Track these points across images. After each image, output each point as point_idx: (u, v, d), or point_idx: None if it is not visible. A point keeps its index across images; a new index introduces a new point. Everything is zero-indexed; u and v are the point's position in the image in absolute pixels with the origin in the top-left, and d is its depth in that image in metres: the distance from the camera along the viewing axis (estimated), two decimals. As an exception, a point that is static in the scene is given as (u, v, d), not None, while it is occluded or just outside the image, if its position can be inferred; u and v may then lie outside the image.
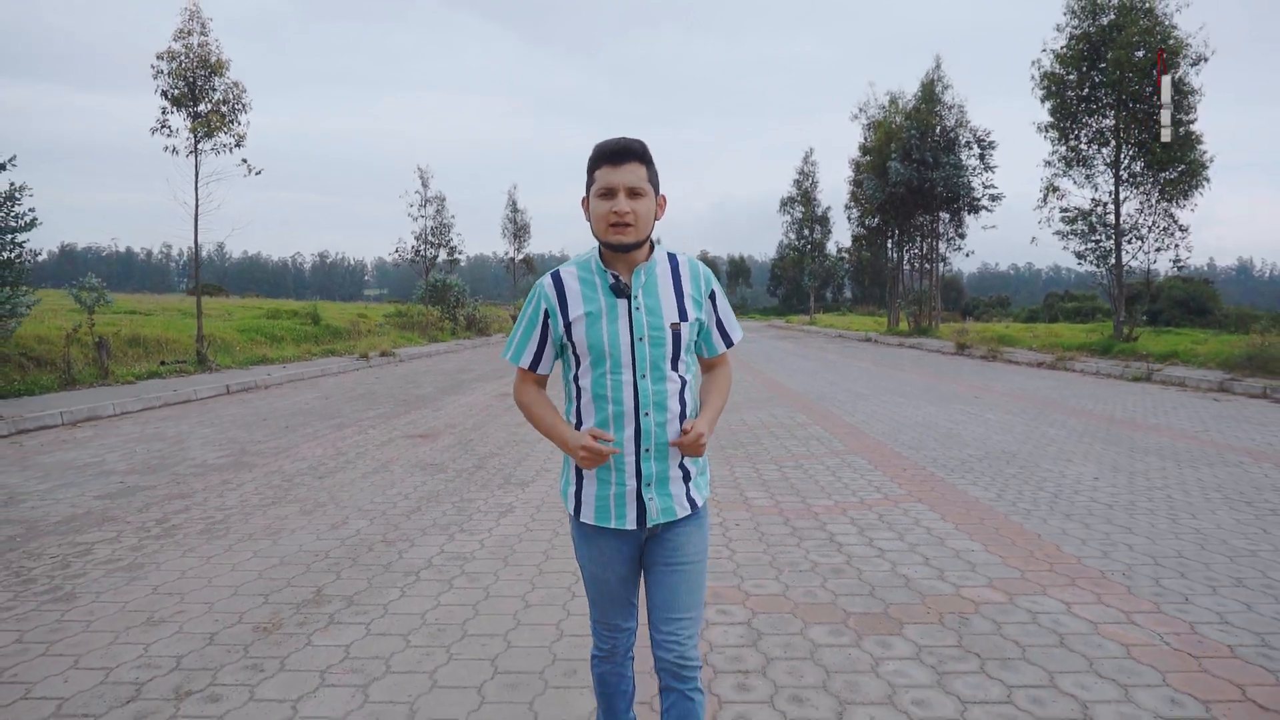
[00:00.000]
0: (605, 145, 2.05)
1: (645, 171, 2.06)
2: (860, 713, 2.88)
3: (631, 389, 2.07)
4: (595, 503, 2.14)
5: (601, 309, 2.08)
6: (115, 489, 6.50)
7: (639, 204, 2.03)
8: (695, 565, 2.19)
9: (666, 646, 2.13)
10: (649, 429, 2.08)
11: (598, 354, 2.08)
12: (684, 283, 2.15)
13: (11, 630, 3.68)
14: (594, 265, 2.12)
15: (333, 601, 4.02)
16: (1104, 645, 3.44)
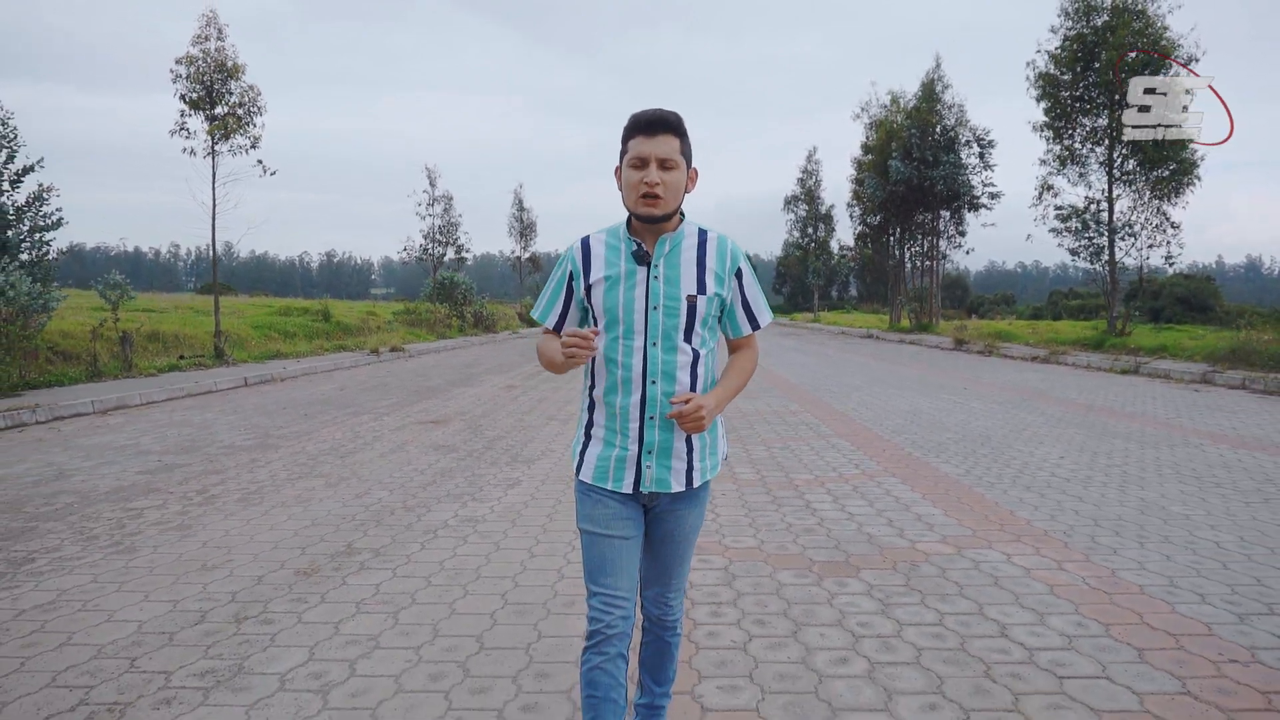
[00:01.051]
0: (641, 115, 2.06)
1: (679, 144, 2.07)
2: (812, 632, 3.42)
3: (641, 355, 2.10)
4: (596, 462, 2.18)
5: (621, 274, 2.11)
6: (154, 466, 7.07)
7: (670, 175, 2.05)
8: (685, 543, 2.27)
9: (652, 603, 2.31)
10: (654, 397, 2.10)
11: (612, 318, 2.11)
12: (709, 257, 2.15)
13: (86, 573, 4.24)
14: (621, 232, 2.17)
15: (362, 553, 4.57)
16: (1031, 585, 3.98)
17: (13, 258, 13.40)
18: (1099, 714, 2.73)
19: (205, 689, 2.95)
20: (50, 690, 2.95)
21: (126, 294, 15.39)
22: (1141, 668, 3.06)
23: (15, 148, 13.92)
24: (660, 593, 2.30)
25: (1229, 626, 3.45)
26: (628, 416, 2.13)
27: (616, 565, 2.16)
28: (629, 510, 2.19)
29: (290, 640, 3.38)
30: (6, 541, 4.81)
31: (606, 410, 2.17)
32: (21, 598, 3.89)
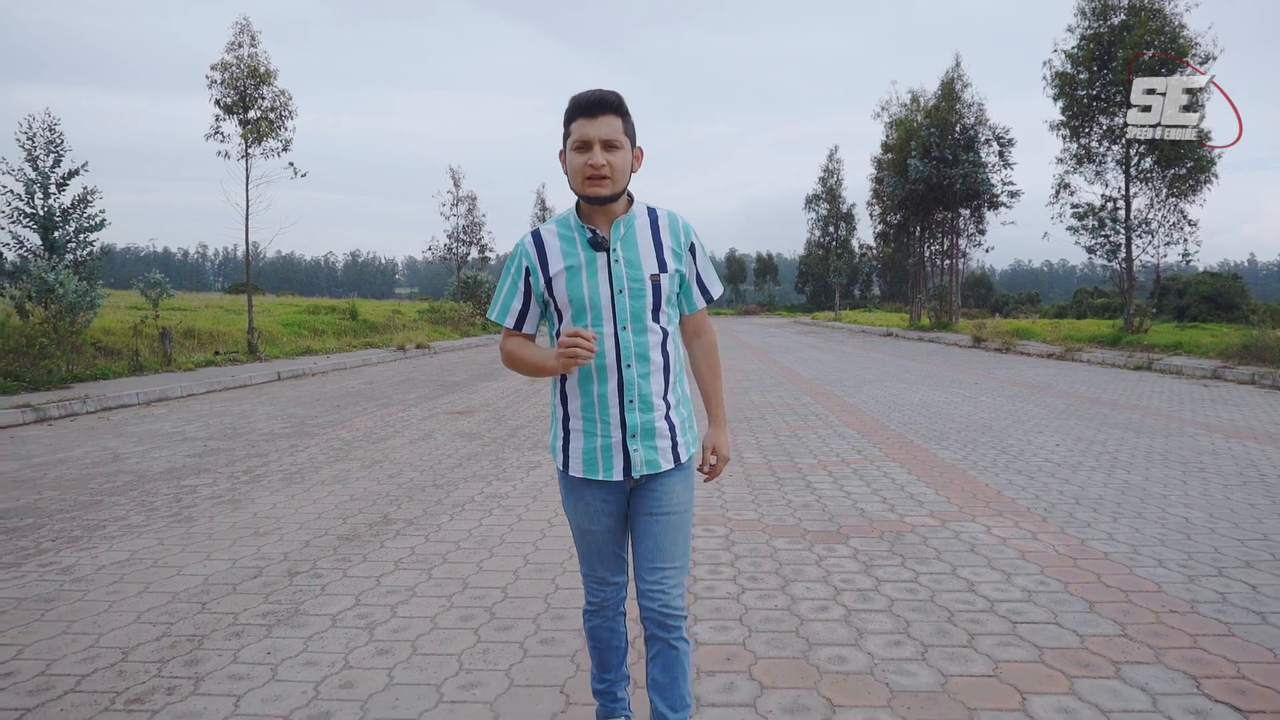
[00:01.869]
0: (580, 97, 2.04)
1: (621, 124, 2.05)
2: (799, 586, 3.84)
3: (613, 341, 2.10)
4: (583, 456, 2.17)
5: (581, 263, 2.10)
6: (201, 450, 7.60)
7: (615, 156, 2.03)
8: (679, 515, 2.22)
9: (651, 596, 2.19)
10: (631, 380, 2.11)
11: (579, 307, 2.11)
12: (663, 235, 2.15)
13: (153, 537, 4.73)
14: (572, 221, 2.15)
15: (397, 522, 5.04)
16: (1004, 551, 4.36)
17: (60, 257, 14.05)
18: (1041, 649, 3.12)
19: (268, 625, 3.42)
20: (137, 625, 3.42)
21: (166, 292, 16.06)
22: (1089, 616, 3.45)
23: (62, 152, 14.58)
24: (658, 579, 2.20)
25: (1177, 585, 3.82)
26: (606, 403, 2.12)
27: (605, 553, 2.27)
28: (612, 503, 2.22)
29: (338, 590, 3.84)
30: (78, 512, 5.33)
31: (583, 400, 2.16)
32: (100, 556, 4.38)
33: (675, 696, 2.21)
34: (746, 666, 2.99)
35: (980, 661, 3.02)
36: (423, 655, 3.12)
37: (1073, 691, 2.78)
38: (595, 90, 2.04)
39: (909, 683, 2.86)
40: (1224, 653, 3.07)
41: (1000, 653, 3.10)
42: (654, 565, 2.20)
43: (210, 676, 2.95)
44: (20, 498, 5.73)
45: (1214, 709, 2.65)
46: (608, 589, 2.31)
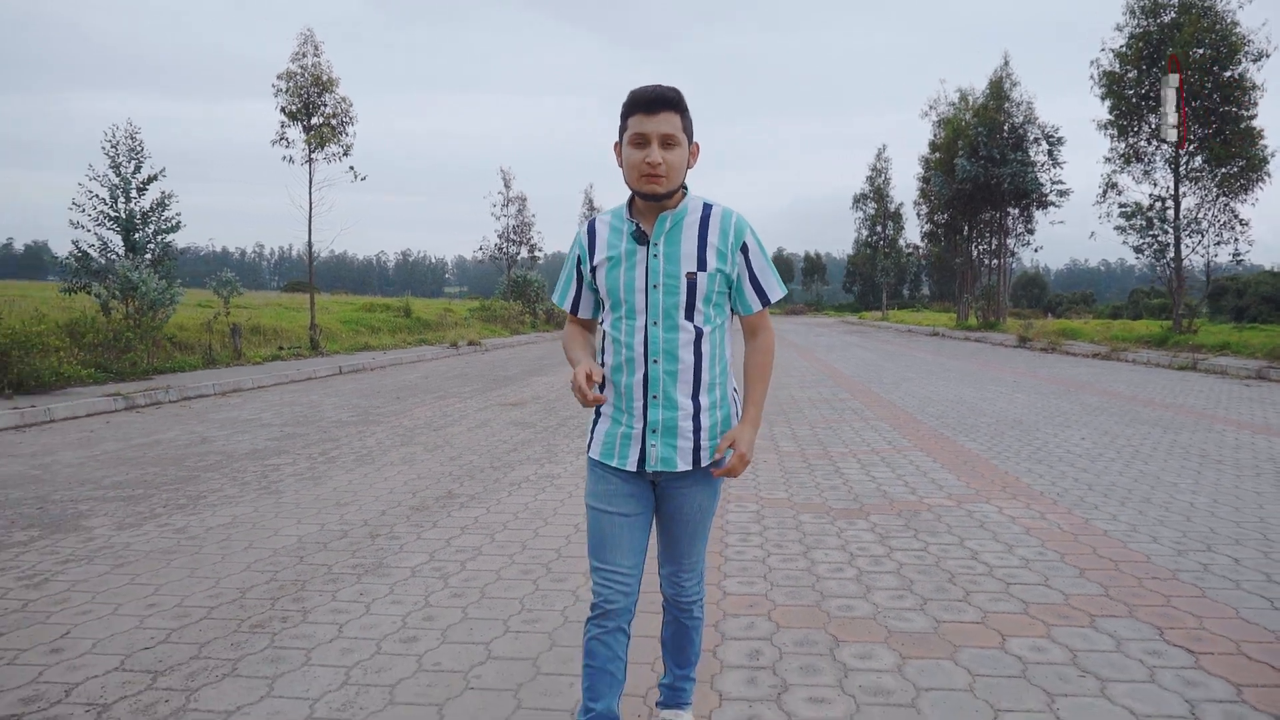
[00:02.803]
0: (640, 93, 2.05)
1: (680, 120, 2.05)
2: (819, 552, 4.31)
3: (642, 335, 2.10)
4: (604, 440, 2.21)
5: (622, 254, 2.13)
6: (278, 435, 8.29)
7: (672, 154, 2.04)
8: (697, 523, 2.26)
9: (671, 584, 2.34)
10: (656, 376, 2.10)
11: (615, 298, 2.14)
12: (711, 233, 2.12)
13: (248, 506, 5.37)
14: (623, 213, 2.17)
15: (460, 498, 5.61)
16: (1011, 528, 4.78)
17: (141, 257, 15.00)
18: (1027, 604, 3.55)
19: (358, 574, 4.00)
20: (248, 572, 4.03)
21: (236, 290, 16.98)
22: (1077, 580, 3.87)
23: (142, 159, 15.54)
24: (673, 572, 2.31)
25: (1165, 557, 4.21)
26: (631, 395, 2.14)
27: (618, 543, 2.19)
28: (633, 488, 2.20)
29: (414, 549, 4.41)
30: (180, 485, 6.00)
31: (614, 388, 2.18)
32: (206, 519, 5.03)
33: (683, 656, 2.41)
34: (766, 611, 3.48)
35: (971, 612, 3.47)
36: (490, 599, 3.67)
37: (1048, 636, 3.22)
38: (655, 86, 2.04)
39: (905, 626, 3.32)
40: (1191, 610, 3.47)
41: (990, 605, 3.54)
42: (670, 559, 2.31)
43: (315, 610, 3.53)
44: (129, 473, 6.43)
45: (1169, 650, 3.07)
46: (615, 586, 2.18)
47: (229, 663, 3.01)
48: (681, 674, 2.44)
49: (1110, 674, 2.88)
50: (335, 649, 3.13)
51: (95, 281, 14.79)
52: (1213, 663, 2.96)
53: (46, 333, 11.55)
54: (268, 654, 3.09)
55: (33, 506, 5.36)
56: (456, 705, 2.69)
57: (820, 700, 2.70)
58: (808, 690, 2.77)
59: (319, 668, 2.97)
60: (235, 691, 2.79)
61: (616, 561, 2.19)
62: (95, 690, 2.80)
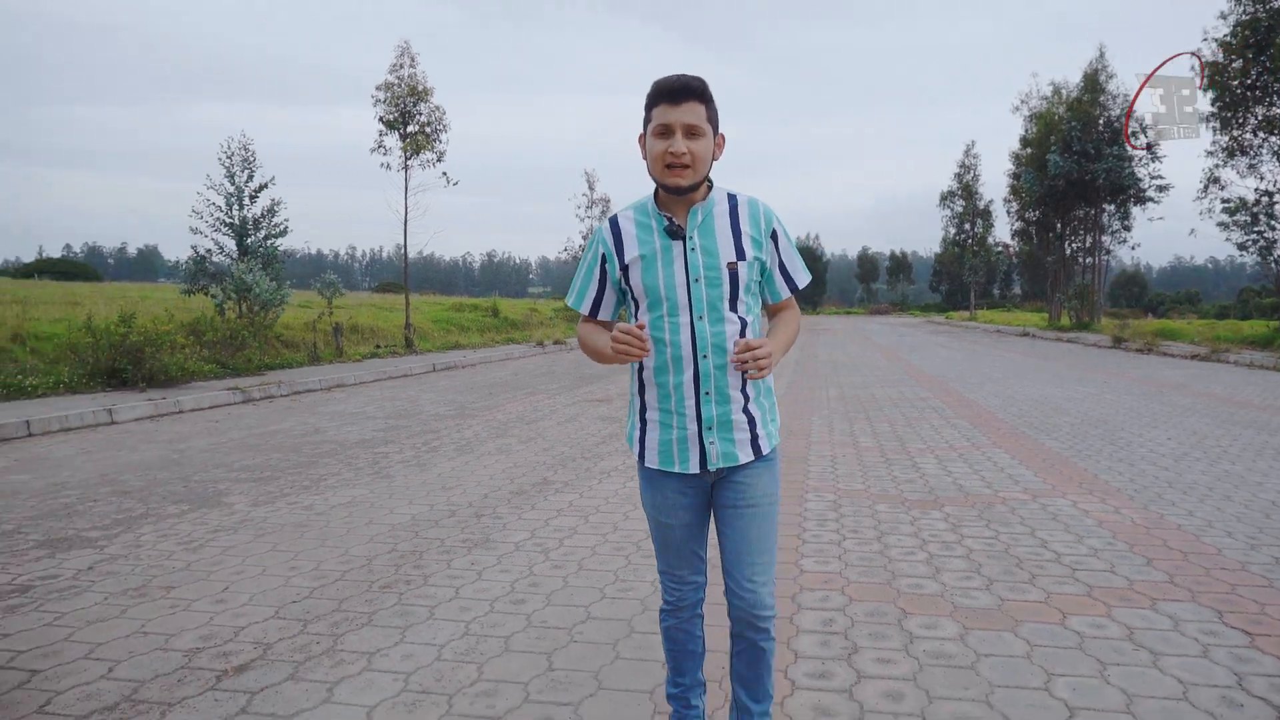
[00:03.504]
0: (664, 82, 2.01)
1: (704, 110, 2.01)
2: (892, 538, 4.56)
3: (689, 331, 2.05)
4: (659, 447, 2.14)
5: (656, 251, 2.08)
6: (383, 426, 8.90)
7: (696, 144, 2.00)
8: (764, 508, 2.16)
9: (739, 594, 2.15)
10: (708, 372, 2.06)
11: (654, 297, 2.07)
12: (742, 222, 2.10)
13: (364, 488, 5.90)
14: (650, 208, 2.12)
15: (554, 484, 6.03)
16: (1083, 520, 4.93)
17: (254, 260, 16.03)
18: (1091, 587, 3.75)
19: (468, 547, 4.44)
20: (371, 544, 4.52)
21: (338, 291, 17.94)
22: (1144, 568, 4.03)
23: (254, 168, 16.61)
24: (746, 574, 2.15)
25: (1237, 551, 4.32)
26: (682, 394, 2.08)
27: (682, 550, 2.22)
28: (691, 496, 2.18)
29: (516, 527, 4.84)
30: (301, 469, 6.60)
31: (659, 390, 2.12)
32: (329, 498, 5.57)
33: (758, 689, 2.23)
34: (840, 587, 3.77)
35: (1035, 593, 3.69)
36: (587, 570, 4.06)
37: (1108, 615, 3.42)
38: (679, 75, 2.00)
39: (970, 602, 3.57)
40: (1255, 597, 3.61)
41: (1055, 588, 3.75)
42: (741, 560, 2.15)
43: (434, 576, 3.98)
44: (255, 458, 7.09)
45: (1226, 631, 3.24)
46: (685, 588, 2.25)
47: (365, 615, 3.47)
48: (759, 710, 2.24)
49: (1164, 649, 3.08)
50: (454, 607, 3.56)
51: (212, 283, 15.91)
52: (1268, 643, 3.12)
53: (173, 332, 12.54)
54: (397, 609, 3.54)
55: (178, 485, 6.02)
56: (562, 655, 3.07)
57: (886, 661, 2.99)
58: (875, 652, 3.06)
59: (442, 621, 3.40)
60: (374, 637, 3.24)
61: (682, 565, 2.24)
62: (258, 633, 3.29)
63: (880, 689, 2.77)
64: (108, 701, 2.73)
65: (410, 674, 2.92)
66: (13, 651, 3.13)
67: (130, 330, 11.27)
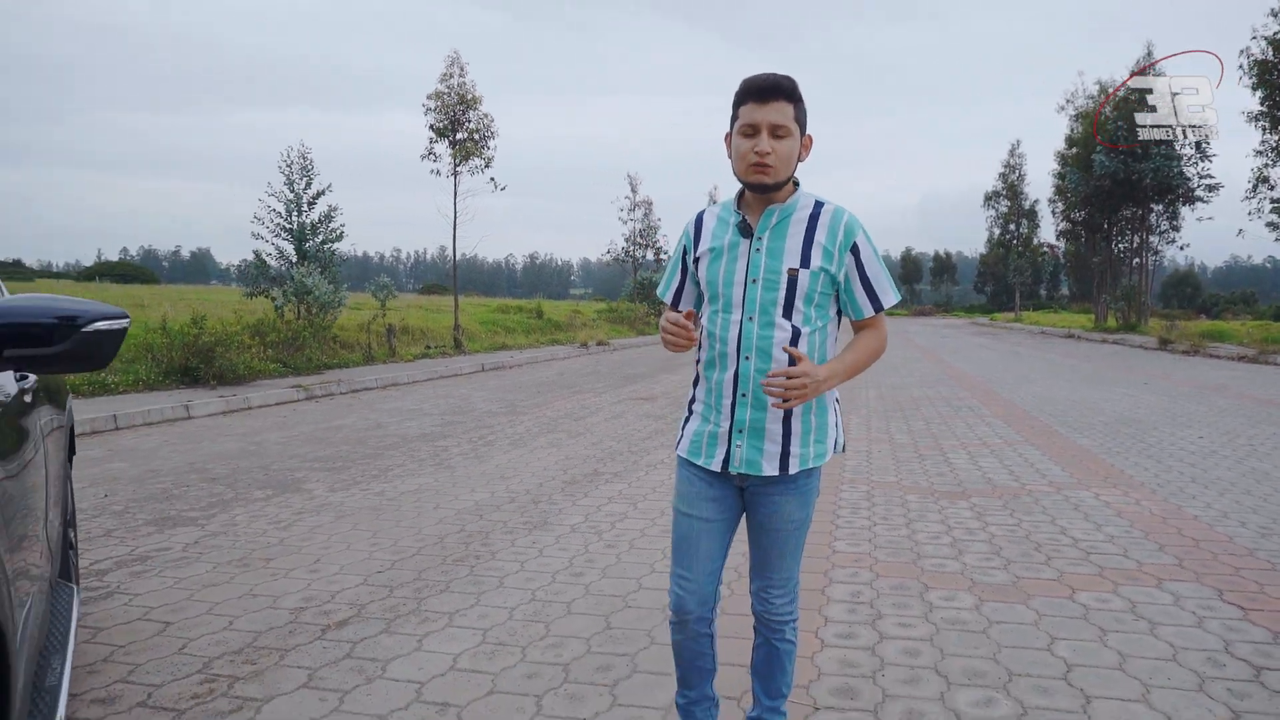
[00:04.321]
0: (753, 80, 2.00)
1: (792, 110, 2.00)
2: (920, 524, 4.90)
3: (737, 330, 2.06)
4: (692, 438, 2.19)
5: (725, 246, 2.10)
6: (439, 422, 9.41)
7: (782, 144, 1.98)
8: (789, 533, 2.16)
9: (760, 599, 2.24)
10: (747, 373, 2.05)
11: (713, 291, 2.11)
12: (819, 230, 2.05)
13: (428, 478, 6.39)
14: (732, 205, 2.16)
15: (604, 475, 6.46)
16: (1103, 510, 5.22)
17: (312, 264, 16.75)
18: (1103, 568, 4.06)
19: (528, 529, 4.88)
20: (440, 525, 4.98)
21: (392, 293, 18.62)
22: (1155, 552, 4.33)
23: (312, 176, 17.32)
24: (762, 587, 2.22)
25: (1248, 538, 4.59)
26: (721, 392, 2.10)
27: (695, 547, 2.18)
28: (717, 492, 2.16)
29: (570, 512, 5.28)
30: (369, 460, 7.11)
31: (705, 384, 2.16)
32: (397, 486, 6.06)
33: (773, 685, 2.29)
34: (869, 565, 4.13)
35: (1049, 571, 4.02)
36: (638, 549, 4.47)
37: (1115, 591, 3.74)
38: (768, 74, 2.00)
39: (988, 579, 3.91)
40: (1256, 579, 3.90)
41: (1068, 568, 4.07)
42: (762, 573, 2.22)
43: (500, 552, 4.42)
44: (325, 450, 7.62)
45: (1222, 606, 3.54)
46: (687, 594, 2.18)
47: (443, 583, 3.93)
48: (771, 705, 2.30)
49: (1162, 620, 3.40)
50: (520, 578, 4.00)
51: (273, 286, 16.65)
52: (1260, 616, 3.43)
53: (240, 332, 13.24)
54: (470, 579, 3.98)
55: (260, 473, 6.55)
56: (618, 616, 3.49)
57: (907, 625, 3.35)
58: (897, 618, 3.43)
59: (510, 589, 3.84)
60: (452, 601, 3.69)
61: (690, 567, 2.18)
62: (351, 596, 3.76)
63: (899, 647, 3.14)
64: (234, 647, 3.20)
65: (487, 630, 3.36)
66: (146, 607, 3.64)
67: (202, 331, 11.96)
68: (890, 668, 2.97)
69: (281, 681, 2.90)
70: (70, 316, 1.70)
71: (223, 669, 3.01)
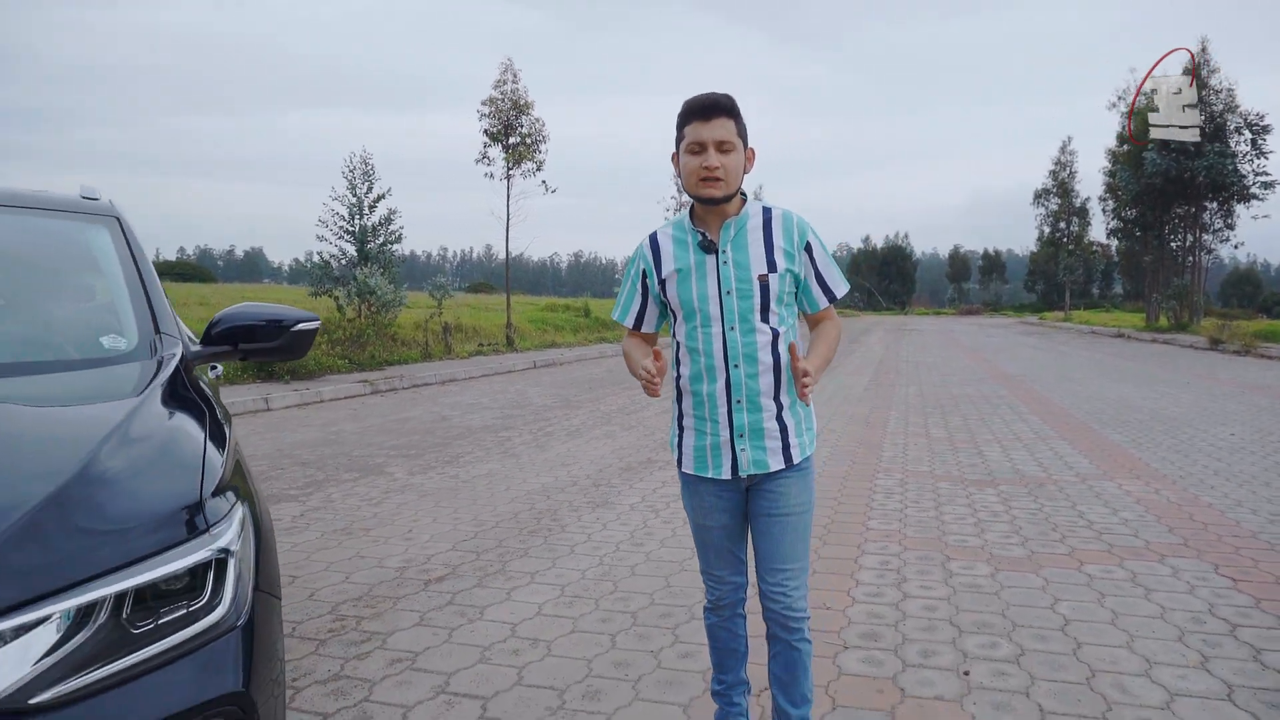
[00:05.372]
0: (694, 101, 2.11)
1: (734, 125, 2.11)
2: (948, 508, 5.36)
3: (721, 341, 2.15)
4: (694, 453, 2.25)
5: (691, 266, 2.17)
6: (500, 415, 10.04)
7: (728, 158, 2.09)
8: (797, 516, 2.24)
9: (773, 597, 2.24)
10: (739, 381, 2.15)
11: (689, 309, 2.18)
12: (775, 235, 2.18)
13: (496, 464, 6.99)
14: (686, 224, 2.22)
15: (658, 462, 7.00)
16: (1123, 499, 5.61)
17: (374, 266, 17.56)
18: (1111, 545, 4.50)
19: (591, 507, 5.45)
20: (512, 504, 5.57)
21: (448, 293, 19.38)
22: (1163, 533, 4.74)
23: (373, 180, 18.13)
24: (779, 580, 2.25)
25: (1255, 523, 4.96)
26: (715, 402, 2.18)
27: (720, 552, 2.33)
28: (726, 500, 2.27)
29: (629, 494, 5.83)
30: (439, 448, 7.75)
31: (694, 398, 2.24)
32: (470, 470, 6.67)
33: (796, 692, 2.29)
34: (898, 540, 4.62)
35: (1062, 548, 4.46)
36: (690, 525, 5.00)
37: (1120, 564, 4.18)
38: (708, 93, 2.12)
39: (1005, 553, 4.38)
40: (1253, 557, 4.31)
41: (1079, 545, 4.51)
42: (773, 567, 2.24)
43: (568, 526, 4.99)
44: (398, 439, 8.28)
45: (1216, 578, 3.96)
46: (724, 587, 2.35)
47: (521, 550, 4.50)
48: (798, 714, 2.30)
49: (1158, 587, 3.84)
50: (588, 546, 4.56)
51: (336, 286, 17.49)
52: (1248, 587, 3.85)
53: (310, 330, 14.03)
54: (544, 547, 4.56)
55: (343, 459, 7.22)
56: (676, 578, 4.03)
57: (928, 588, 3.84)
58: (920, 581, 3.92)
59: (580, 555, 4.40)
60: (531, 564, 4.26)
61: (721, 568, 2.35)
62: (444, 559, 4.36)
63: (920, 604, 3.64)
64: (354, 595, 3.81)
65: (565, 585, 3.92)
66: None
67: (276, 329, 12.75)
68: (910, 619, 3.46)
69: (399, 621, 3.49)
70: (281, 320, 2.29)
71: (348, 611, 3.62)
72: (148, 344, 2.12)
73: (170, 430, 1.71)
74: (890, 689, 2.85)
